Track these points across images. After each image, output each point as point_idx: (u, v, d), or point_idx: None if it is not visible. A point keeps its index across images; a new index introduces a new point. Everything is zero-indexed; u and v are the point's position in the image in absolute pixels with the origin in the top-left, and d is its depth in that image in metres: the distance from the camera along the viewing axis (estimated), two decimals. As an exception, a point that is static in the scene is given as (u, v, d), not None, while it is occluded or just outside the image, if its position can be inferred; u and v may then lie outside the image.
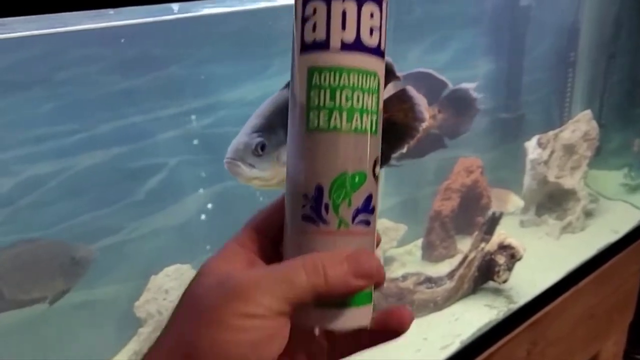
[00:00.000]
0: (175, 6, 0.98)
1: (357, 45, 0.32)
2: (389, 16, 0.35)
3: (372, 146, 0.34)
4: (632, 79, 2.07)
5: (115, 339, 1.42)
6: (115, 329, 1.43)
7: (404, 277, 1.44)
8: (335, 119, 0.32)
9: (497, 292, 1.47)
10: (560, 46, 2.00)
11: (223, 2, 1.07)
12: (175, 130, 1.36)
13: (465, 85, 1.14)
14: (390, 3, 0.34)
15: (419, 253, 1.70)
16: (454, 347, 1.29)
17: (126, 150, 1.34)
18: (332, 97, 0.32)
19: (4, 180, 1.27)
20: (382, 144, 0.37)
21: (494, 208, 1.65)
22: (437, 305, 1.42)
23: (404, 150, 0.78)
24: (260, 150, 0.74)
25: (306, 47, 0.33)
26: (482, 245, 1.44)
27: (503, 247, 1.45)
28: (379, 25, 0.33)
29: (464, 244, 1.62)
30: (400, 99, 0.74)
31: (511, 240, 1.45)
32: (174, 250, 1.47)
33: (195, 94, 1.37)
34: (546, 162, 1.75)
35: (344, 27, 0.31)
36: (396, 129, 0.73)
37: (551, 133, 1.77)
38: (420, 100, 0.80)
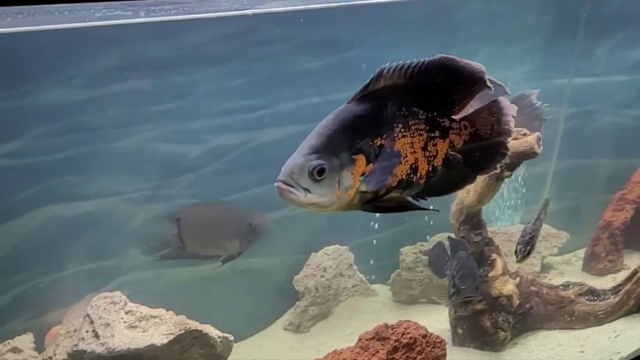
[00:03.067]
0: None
1: None
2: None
3: None
4: None
5: (272, 309, 1.51)
6: (273, 299, 1.51)
7: (565, 286, 1.38)
8: None
9: (667, 313, 1.37)
10: None
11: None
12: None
13: (527, 91, 1.06)
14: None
15: (578, 264, 1.63)
16: (612, 364, 1.23)
17: (301, 130, 1.41)
18: None
19: (194, 147, 1.39)
20: (464, 167, 0.33)
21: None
22: (597, 319, 1.35)
23: (497, 170, 0.68)
24: (318, 175, 0.64)
25: None
26: (656, 262, 1.35)
27: (681, 268, 1.35)
28: None
29: (631, 260, 1.53)
30: (491, 111, 0.69)
31: (691, 261, 1.34)
32: (334, 230, 1.52)
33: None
34: None
35: None
36: (483, 146, 0.68)
37: None
38: (510, 110, 0.68)
